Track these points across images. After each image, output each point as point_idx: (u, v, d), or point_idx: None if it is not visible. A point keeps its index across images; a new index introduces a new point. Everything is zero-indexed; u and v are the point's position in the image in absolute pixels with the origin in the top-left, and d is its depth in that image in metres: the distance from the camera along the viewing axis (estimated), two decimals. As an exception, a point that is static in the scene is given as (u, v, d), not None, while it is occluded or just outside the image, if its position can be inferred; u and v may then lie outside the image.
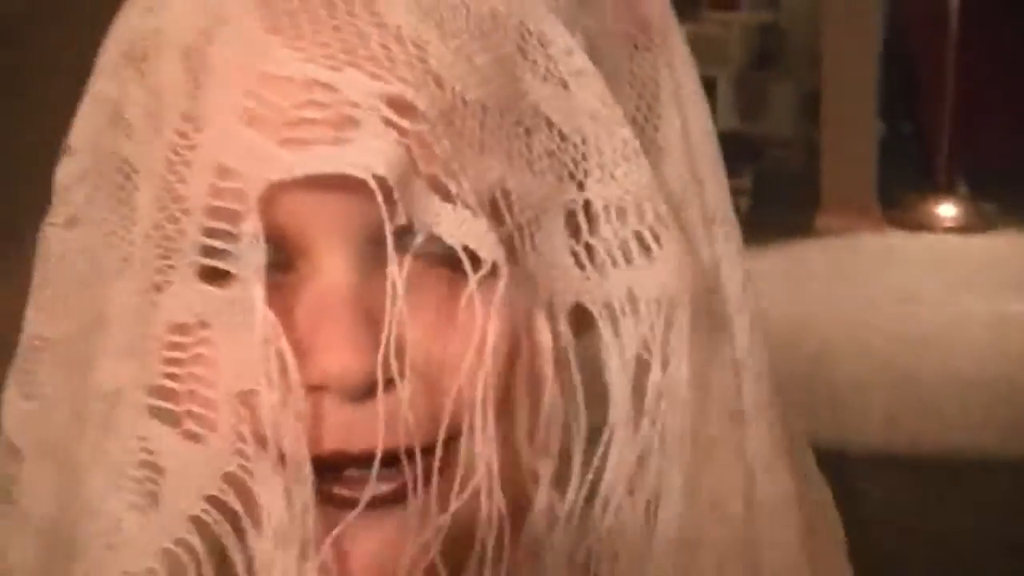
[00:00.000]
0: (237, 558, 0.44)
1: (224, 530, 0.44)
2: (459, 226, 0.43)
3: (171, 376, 0.45)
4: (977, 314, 2.23)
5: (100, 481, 0.48)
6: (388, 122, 0.41)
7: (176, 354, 0.44)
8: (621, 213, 0.46)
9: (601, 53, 0.47)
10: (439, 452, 0.42)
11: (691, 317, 0.47)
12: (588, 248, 0.45)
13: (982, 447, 1.69)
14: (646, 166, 0.47)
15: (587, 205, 0.46)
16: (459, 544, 0.44)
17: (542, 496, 0.46)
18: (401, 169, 0.41)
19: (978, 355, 2.03)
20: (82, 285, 0.50)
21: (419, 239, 0.42)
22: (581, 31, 0.47)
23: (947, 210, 2.96)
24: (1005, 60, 3.03)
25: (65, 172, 0.49)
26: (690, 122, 0.51)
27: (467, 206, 0.42)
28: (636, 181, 0.46)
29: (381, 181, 0.40)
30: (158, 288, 0.45)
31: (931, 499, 1.60)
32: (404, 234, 0.42)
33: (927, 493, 1.61)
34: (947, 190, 3.00)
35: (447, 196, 0.42)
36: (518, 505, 0.45)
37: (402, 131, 0.41)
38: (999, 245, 2.83)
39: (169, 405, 0.44)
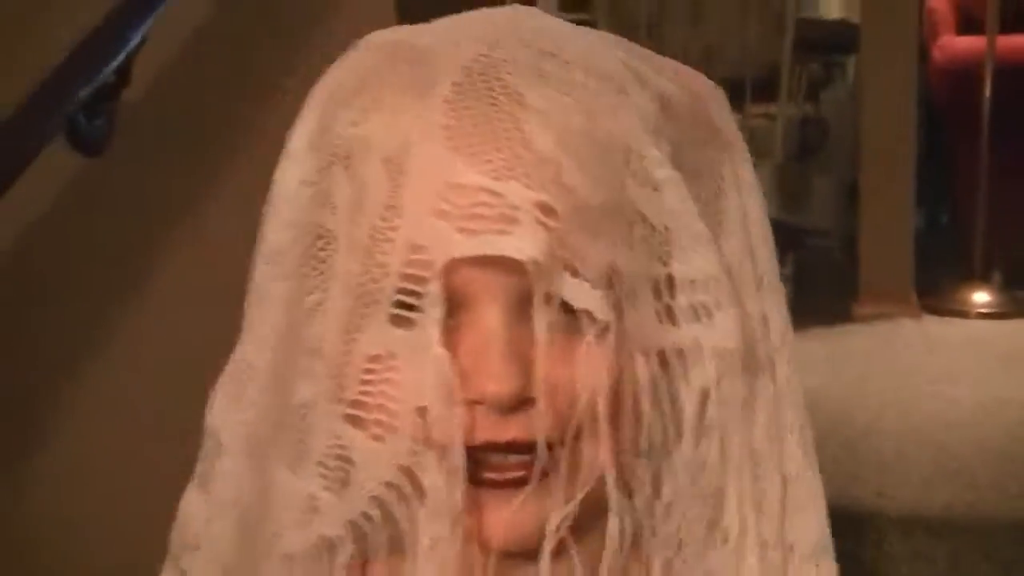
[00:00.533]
0: (406, 527, 0.63)
1: (397, 507, 0.63)
2: (582, 295, 0.61)
3: (364, 392, 0.63)
4: (1010, 394, 2.30)
5: (298, 470, 0.65)
6: (538, 221, 0.59)
7: (370, 376, 0.62)
8: (693, 285, 0.64)
9: (682, 155, 0.65)
10: (567, 447, 0.61)
11: (743, 359, 0.65)
12: (668, 309, 0.64)
13: (1013, 515, 1.77)
14: (714, 251, 0.65)
15: (669, 279, 0.64)
16: (582, 513, 0.63)
17: (644, 488, 0.64)
18: (547, 255, 0.59)
19: (1011, 432, 2.08)
20: (282, 325, 0.66)
21: (555, 303, 0.60)
22: (667, 140, 0.64)
23: (981, 297, 3.04)
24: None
25: (276, 235, 0.66)
26: (747, 206, 0.69)
27: (587, 280, 0.60)
28: (705, 262, 0.64)
29: (534, 262, 0.59)
30: (357, 328, 0.62)
31: (963, 561, 1.68)
32: (544, 298, 0.60)
33: (959, 554, 1.69)
34: (982, 278, 3.09)
35: (575, 273, 0.60)
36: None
37: (548, 228, 0.59)
38: (1034, 331, 2.91)
39: (361, 414, 0.63)
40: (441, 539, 0.62)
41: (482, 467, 0.62)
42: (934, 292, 3.00)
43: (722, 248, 0.66)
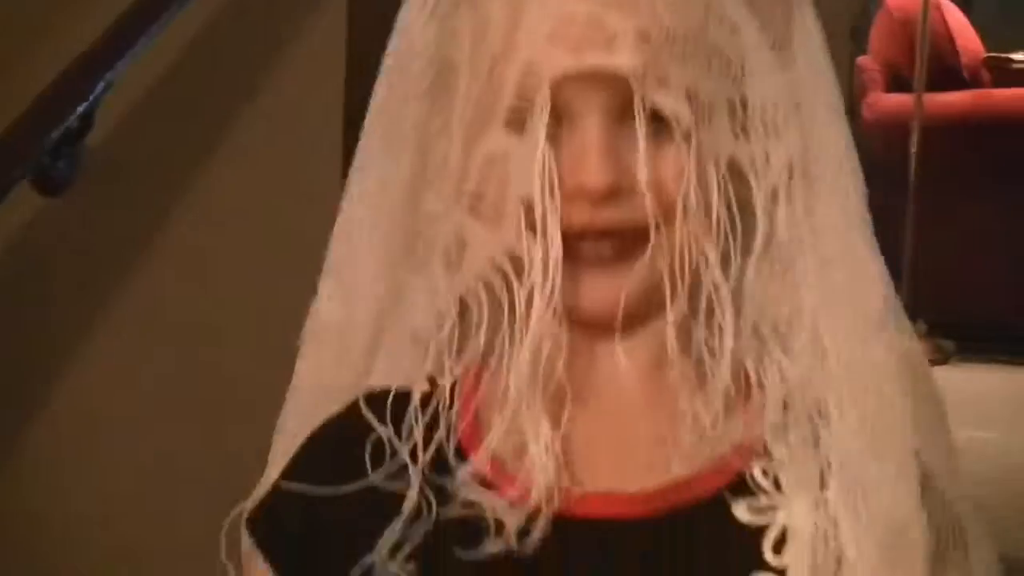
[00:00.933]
0: (506, 299, 0.75)
1: (500, 281, 0.75)
2: (670, 103, 0.73)
3: (481, 187, 0.76)
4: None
5: (423, 271, 0.80)
6: (636, 43, 0.72)
7: (487, 173, 0.76)
8: (763, 108, 0.76)
9: (758, 2, 0.77)
10: (657, 230, 0.73)
11: (804, 168, 0.77)
12: (742, 126, 0.76)
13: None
14: (782, 81, 0.76)
15: (743, 101, 0.76)
16: (654, 292, 0.74)
17: (712, 271, 0.75)
18: (644, 71, 0.72)
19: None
20: (412, 141, 0.80)
21: (648, 111, 0.72)
22: None
23: (907, 345, 3.13)
24: (963, 205, 3.22)
25: (406, 63, 0.80)
26: (811, 46, 0.79)
27: (674, 91, 0.73)
28: (774, 89, 0.76)
29: (635, 76, 0.72)
30: (478, 135, 0.76)
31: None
32: (639, 105, 0.72)
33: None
34: (907, 327, 3.17)
35: (666, 87, 0.73)
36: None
37: (644, 50, 0.72)
38: (957, 378, 2.99)
39: (478, 205, 0.76)
40: (541, 314, 0.74)
41: (579, 251, 0.75)
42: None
43: (791, 80, 0.78)
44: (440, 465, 0.76)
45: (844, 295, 0.78)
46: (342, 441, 0.79)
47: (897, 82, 3.45)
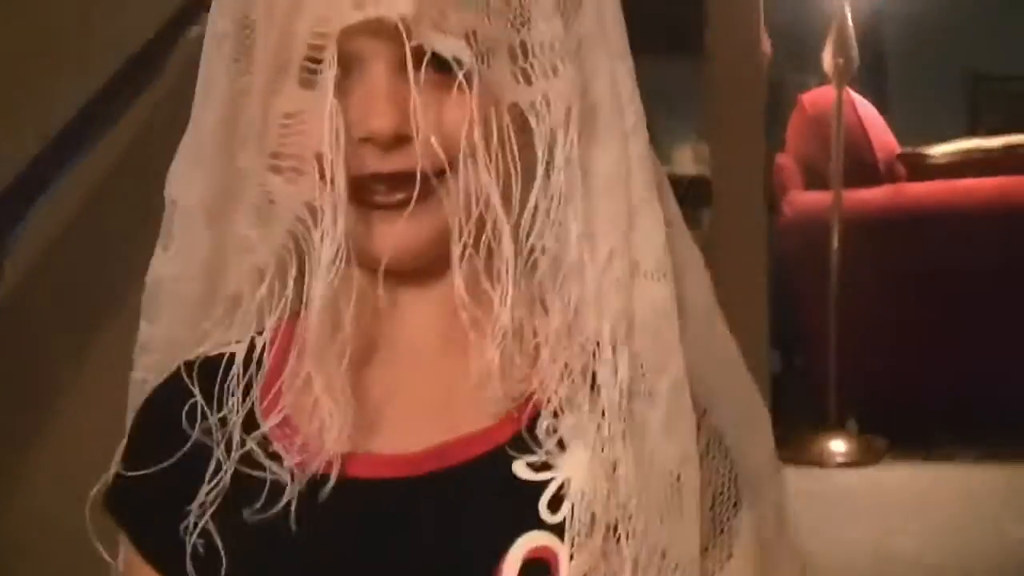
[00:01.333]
0: (306, 247, 0.77)
1: (302, 232, 0.77)
2: (448, 46, 0.75)
3: (281, 145, 0.78)
4: (863, 546, 2.32)
5: (239, 212, 0.81)
6: None
7: (285, 131, 0.78)
8: (542, 49, 0.78)
9: None
10: (443, 175, 0.76)
11: (584, 109, 0.79)
12: (523, 71, 0.78)
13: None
14: (559, 21, 0.79)
15: (523, 45, 0.78)
16: (445, 239, 0.77)
17: (494, 211, 0.76)
18: (417, 16, 0.74)
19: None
20: (221, 99, 0.81)
21: (427, 56, 0.74)
22: None
23: (838, 446, 3.10)
24: (886, 300, 3.20)
25: (220, 22, 0.81)
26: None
27: (453, 35, 0.75)
28: (552, 29, 0.78)
29: (406, 21, 0.73)
30: (274, 92, 0.78)
31: None
32: (418, 53, 0.74)
33: None
34: (837, 426, 3.15)
35: (443, 31, 0.75)
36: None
37: None
38: (887, 478, 2.97)
39: (279, 163, 0.78)
40: (330, 260, 0.75)
41: (372, 195, 0.78)
42: (791, 442, 3.03)
43: (574, 23, 0.80)
44: (247, 425, 0.78)
45: (619, 237, 0.79)
46: (166, 412, 0.82)
47: (814, 178, 3.46)
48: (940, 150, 3.44)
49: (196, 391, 0.79)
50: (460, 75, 0.75)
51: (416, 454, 0.78)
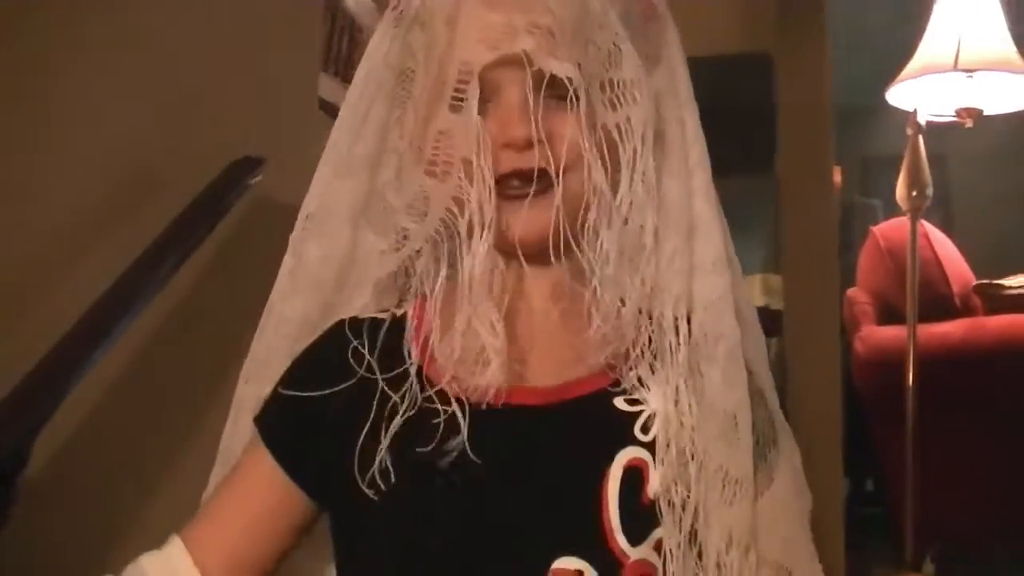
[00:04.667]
0: (455, 231, 1.02)
1: (453, 221, 1.02)
2: (563, 68, 1.00)
3: (435, 155, 1.03)
4: None
5: (382, 232, 1.10)
6: (529, 31, 1.01)
7: (437, 145, 1.03)
8: (626, 84, 1.04)
9: (629, 15, 1.06)
10: (561, 175, 1.02)
11: (653, 138, 1.06)
12: (611, 100, 1.03)
13: None
14: (641, 65, 1.05)
15: (611, 80, 1.03)
16: (563, 222, 1.02)
17: (602, 196, 1.02)
18: (537, 49, 1.00)
19: None
20: (378, 129, 1.11)
21: (547, 76, 1.00)
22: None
23: (915, 588, 2.99)
24: (964, 445, 3.11)
25: (378, 72, 1.11)
26: (672, 56, 1.11)
27: (566, 62, 1.00)
28: (634, 72, 1.04)
29: (528, 53, 1.00)
30: (429, 117, 1.03)
31: None
32: (539, 77, 1.00)
33: None
34: (914, 568, 3.04)
35: (557, 58, 1.00)
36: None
37: (535, 34, 1.01)
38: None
39: (434, 168, 1.03)
40: (480, 241, 1.00)
41: (507, 189, 1.02)
42: (867, 584, 2.93)
43: (653, 74, 1.08)
44: (401, 374, 1.03)
45: (680, 240, 1.07)
46: (326, 353, 1.08)
47: (887, 313, 3.40)
48: (1016, 280, 3.37)
49: (357, 341, 1.06)
50: (571, 90, 1.00)
51: (548, 388, 1.04)
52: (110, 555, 1.78)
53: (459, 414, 1.00)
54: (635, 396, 1.04)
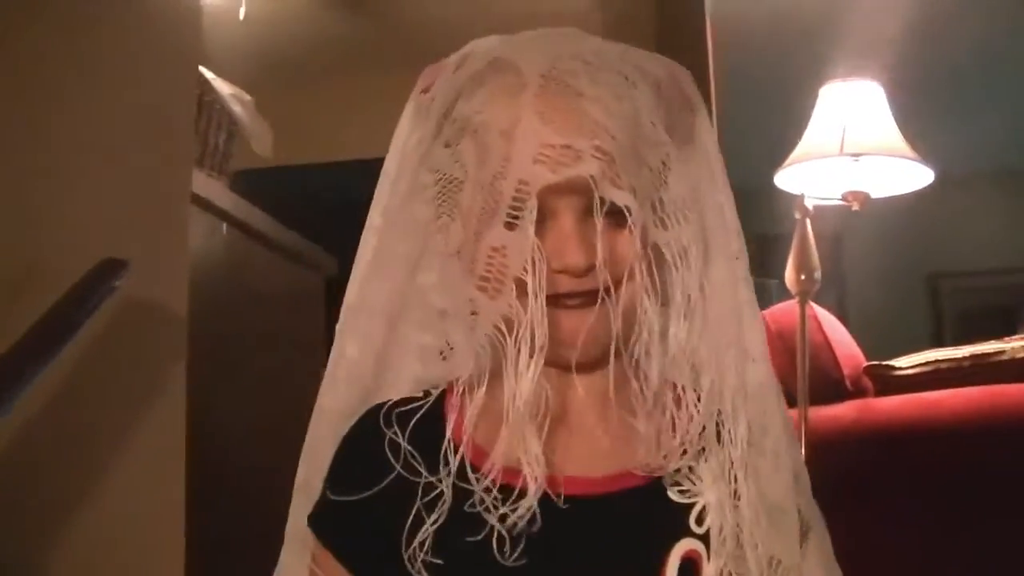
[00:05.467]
0: (505, 352, 1.02)
1: (501, 337, 1.02)
2: (623, 197, 1.02)
3: (488, 270, 1.03)
4: None
5: (424, 328, 1.15)
6: (594, 156, 1.01)
7: (490, 261, 1.03)
8: (674, 203, 1.07)
9: (670, 116, 1.09)
10: (618, 290, 1.03)
11: (702, 245, 1.10)
12: (661, 219, 1.06)
13: None
14: (687, 183, 1.08)
15: (661, 200, 1.06)
16: (610, 336, 1.04)
17: (649, 316, 1.06)
18: (600, 174, 1.01)
19: None
20: (418, 233, 1.13)
21: (606, 205, 1.02)
22: (662, 108, 1.08)
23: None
24: (855, 524, 3.09)
25: (417, 177, 1.12)
26: (708, 147, 1.14)
27: (625, 190, 1.02)
28: (681, 191, 1.08)
29: (594, 180, 1.01)
30: (481, 231, 1.04)
31: None
32: (598, 202, 1.01)
33: None
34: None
35: (617, 186, 1.02)
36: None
37: (600, 161, 1.01)
38: None
39: (485, 284, 1.04)
40: (531, 362, 1.01)
41: (561, 305, 1.04)
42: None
43: (691, 174, 1.10)
44: (437, 462, 1.06)
45: (732, 332, 1.10)
46: (365, 447, 1.10)
47: (779, 395, 3.38)
48: (907, 361, 3.39)
49: (391, 431, 1.09)
50: (630, 220, 1.03)
51: (597, 478, 1.08)
52: None
53: (509, 508, 1.02)
54: (686, 487, 1.08)
